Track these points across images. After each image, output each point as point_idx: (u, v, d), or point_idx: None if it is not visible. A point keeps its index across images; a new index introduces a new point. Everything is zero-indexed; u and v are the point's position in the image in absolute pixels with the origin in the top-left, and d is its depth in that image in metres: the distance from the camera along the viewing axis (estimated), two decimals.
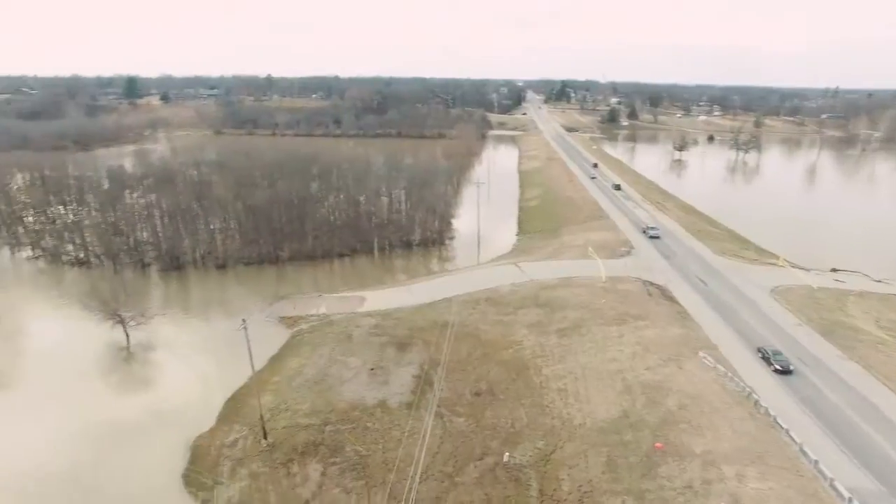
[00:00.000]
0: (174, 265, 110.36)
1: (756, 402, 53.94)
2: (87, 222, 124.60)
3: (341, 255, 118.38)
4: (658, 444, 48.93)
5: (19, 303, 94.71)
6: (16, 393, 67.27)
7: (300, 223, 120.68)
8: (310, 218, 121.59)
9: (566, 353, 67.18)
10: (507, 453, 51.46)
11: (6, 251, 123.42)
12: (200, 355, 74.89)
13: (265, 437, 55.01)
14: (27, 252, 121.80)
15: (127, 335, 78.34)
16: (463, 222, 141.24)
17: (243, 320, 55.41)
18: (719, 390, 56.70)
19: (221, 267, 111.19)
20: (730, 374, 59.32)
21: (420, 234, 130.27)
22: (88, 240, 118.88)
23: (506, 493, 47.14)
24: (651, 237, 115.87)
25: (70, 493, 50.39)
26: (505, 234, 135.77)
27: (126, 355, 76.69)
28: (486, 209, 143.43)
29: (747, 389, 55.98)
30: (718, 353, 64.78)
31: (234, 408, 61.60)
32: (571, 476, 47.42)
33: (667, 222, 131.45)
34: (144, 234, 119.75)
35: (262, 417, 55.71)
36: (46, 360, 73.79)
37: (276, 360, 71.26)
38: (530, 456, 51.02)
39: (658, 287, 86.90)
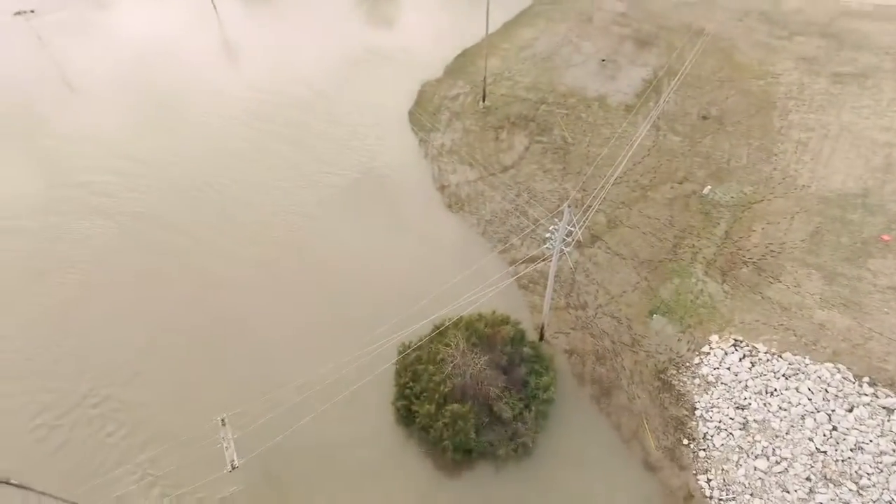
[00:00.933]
0: None
1: None
2: None
3: None
4: (886, 236, 43.38)
5: None
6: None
7: None
8: None
9: (830, 103, 56.47)
10: (708, 186, 49.69)
11: None
12: (440, 8, 76.19)
13: (483, 100, 58.47)
14: None
15: None
16: None
17: None
18: None
19: None
20: None
21: None
22: None
23: (690, 223, 47.26)
24: None
25: (335, 98, 60.83)
26: None
27: None
28: None
29: None
30: None
31: (461, 65, 64.76)
32: (765, 232, 45.39)
33: None
34: None
35: (484, 80, 58.25)
36: None
37: (510, 26, 70.15)
38: (732, 197, 48.79)
39: None
